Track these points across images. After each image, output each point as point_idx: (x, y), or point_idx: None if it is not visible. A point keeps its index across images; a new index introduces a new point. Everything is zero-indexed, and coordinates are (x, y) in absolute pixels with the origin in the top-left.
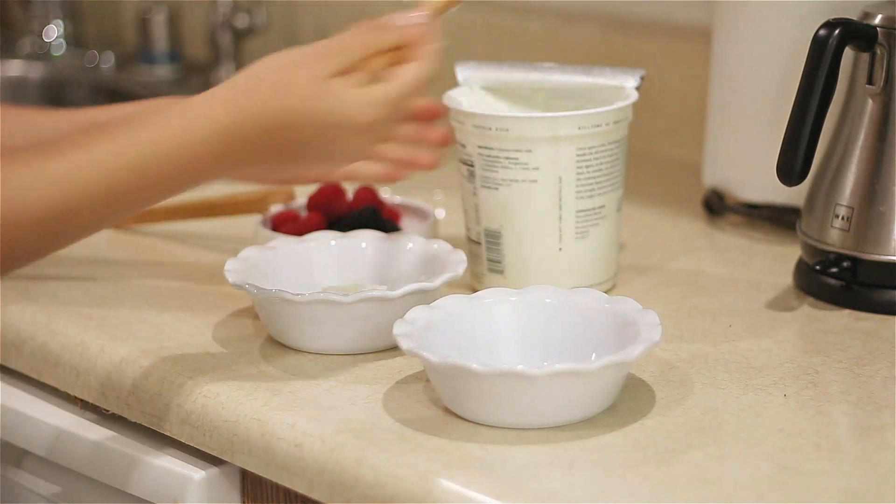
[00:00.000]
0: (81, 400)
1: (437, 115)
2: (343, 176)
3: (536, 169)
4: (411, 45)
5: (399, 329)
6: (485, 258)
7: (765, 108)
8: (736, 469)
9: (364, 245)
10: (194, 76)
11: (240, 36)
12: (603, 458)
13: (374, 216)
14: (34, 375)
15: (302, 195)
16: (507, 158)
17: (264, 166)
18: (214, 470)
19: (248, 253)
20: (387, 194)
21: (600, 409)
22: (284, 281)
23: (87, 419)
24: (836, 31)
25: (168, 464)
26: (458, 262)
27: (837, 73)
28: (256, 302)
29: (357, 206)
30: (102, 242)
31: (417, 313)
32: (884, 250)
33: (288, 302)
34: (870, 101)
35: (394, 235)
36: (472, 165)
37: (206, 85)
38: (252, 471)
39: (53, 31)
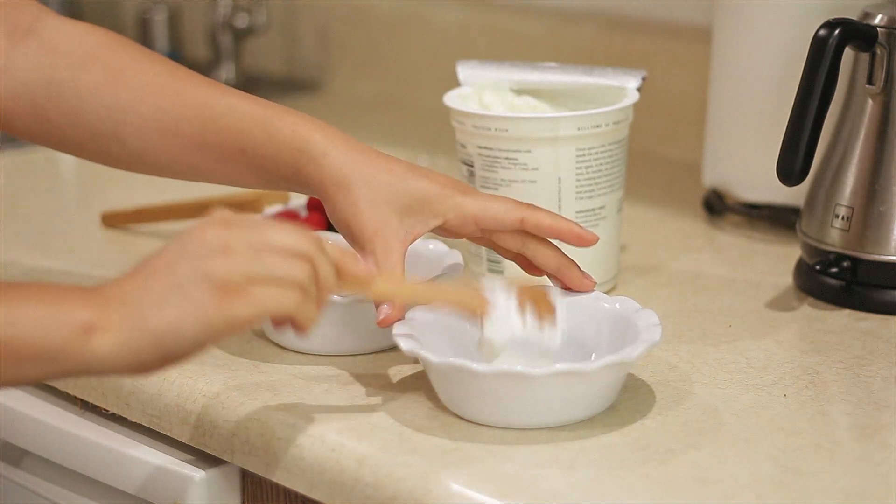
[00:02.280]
0: (81, 400)
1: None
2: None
3: (536, 169)
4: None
5: (398, 329)
6: (485, 258)
7: (765, 108)
8: (736, 469)
9: None
10: None
11: (240, 36)
12: (603, 458)
13: None
14: None
15: (301, 195)
16: (507, 159)
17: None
18: (214, 470)
19: None
20: None
21: (600, 409)
22: None
23: (87, 419)
24: (836, 31)
25: (168, 464)
26: (456, 263)
27: (837, 73)
28: None
29: None
30: (101, 242)
31: (417, 313)
32: (884, 250)
33: None
34: (870, 101)
35: None
36: (472, 165)
37: None
38: (252, 471)
39: None
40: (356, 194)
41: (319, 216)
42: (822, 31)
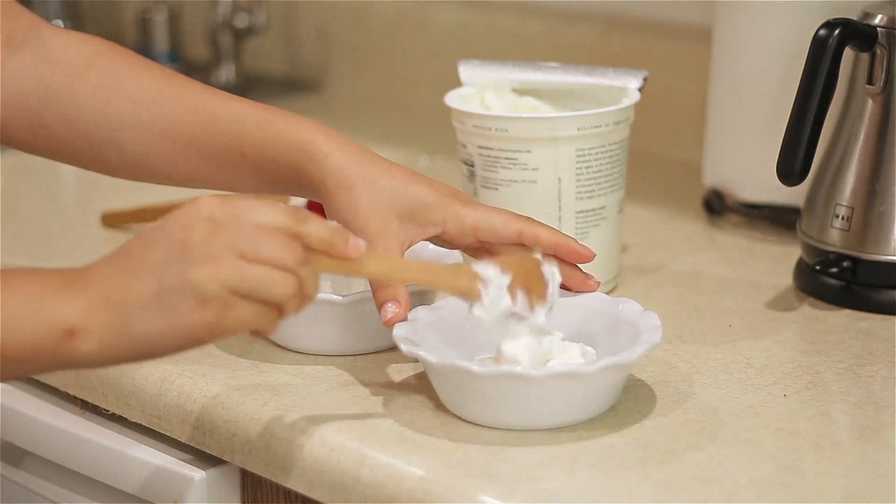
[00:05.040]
0: (81, 400)
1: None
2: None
3: (535, 169)
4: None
5: (399, 331)
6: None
7: (765, 108)
8: (736, 469)
9: None
10: (194, 76)
11: (240, 36)
12: (603, 458)
13: None
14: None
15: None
16: (507, 159)
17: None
18: (214, 470)
19: None
20: None
21: (600, 410)
22: None
23: (87, 419)
24: (836, 31)
25: (168, 464)
26: (456, 262)
27: (837, 73)
28: None
29: None
30: (101, 242)
31: (417, 314)
32: (884, 250)
33: None
34: (870, 101)
35: None
36: (472, 165)
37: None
38: (252, 471)
39: None
40: (358, 195)
41: (319, 216)
42: (822, 31)
